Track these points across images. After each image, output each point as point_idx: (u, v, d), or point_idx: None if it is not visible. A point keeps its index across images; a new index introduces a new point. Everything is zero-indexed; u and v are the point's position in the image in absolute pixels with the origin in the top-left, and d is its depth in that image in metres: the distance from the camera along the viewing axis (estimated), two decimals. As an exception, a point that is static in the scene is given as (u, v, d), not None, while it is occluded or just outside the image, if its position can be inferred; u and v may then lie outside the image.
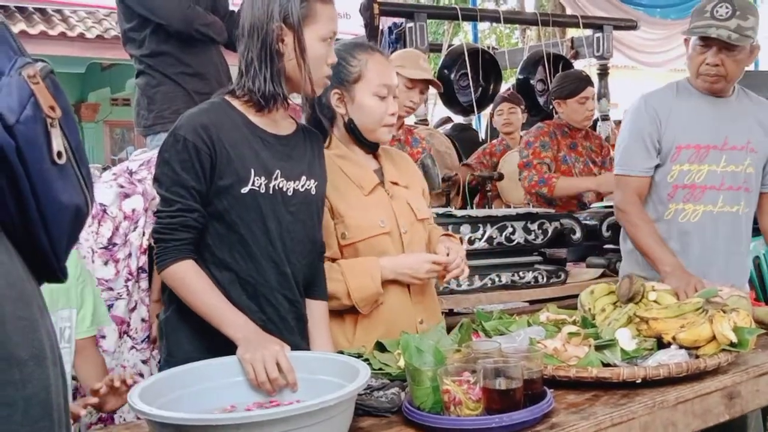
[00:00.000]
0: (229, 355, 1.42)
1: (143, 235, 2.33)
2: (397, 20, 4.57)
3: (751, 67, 8.83)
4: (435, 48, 5.44)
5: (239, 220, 1.57)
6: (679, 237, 2.31)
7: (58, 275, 0.84)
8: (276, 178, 1.61)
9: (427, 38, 4.25)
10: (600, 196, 3.39)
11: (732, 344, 1.57)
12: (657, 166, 2.31)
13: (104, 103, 10.99)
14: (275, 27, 1.55)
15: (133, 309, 2.28)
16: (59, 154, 0.78)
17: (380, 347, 1.68)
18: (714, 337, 1.59)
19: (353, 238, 1.84)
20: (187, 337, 1.59)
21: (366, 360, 1.54)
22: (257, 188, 1.58)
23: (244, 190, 1.56)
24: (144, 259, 2.35)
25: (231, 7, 3.34)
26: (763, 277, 3.18)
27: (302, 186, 1.66)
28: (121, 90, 10.30)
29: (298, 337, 1.65)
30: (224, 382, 1.38)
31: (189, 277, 1.52)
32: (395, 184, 1.96)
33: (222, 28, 3.15)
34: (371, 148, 1.95)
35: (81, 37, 8.69)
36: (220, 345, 1.47)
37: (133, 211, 2.32)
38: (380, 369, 1.57)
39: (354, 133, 1.90)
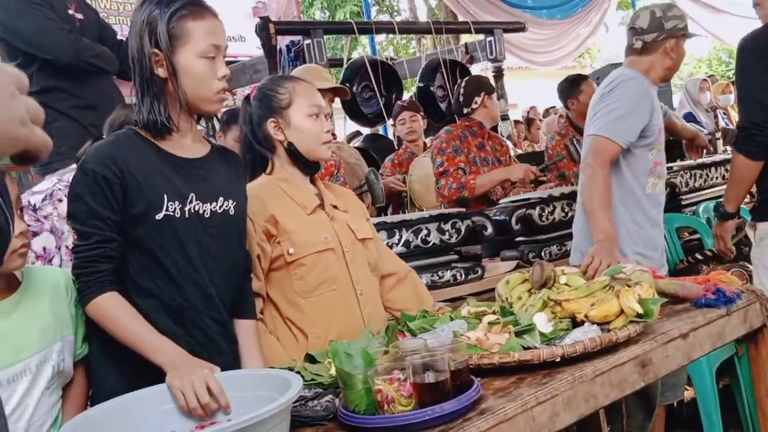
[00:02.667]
0: (159, 384, 1.41)
1: None
2: (295, 38, 4.60)
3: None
4: (335, 63, 5.51)
5: (157, 247, 1.56)
6: (657, 207, 2.64)
7: None
8: (191, 202, 1.61)
9: (325, 53, 4.31)
10: (505, 192, 3.52)
11: (639, 315, 1.68)
12: (644, 145, 2.57)
13: (-4, 146, 10.49)
14: (149, 53, 1.56)
15: None
16: None
17: (310, 359, 1.70)
18: (622, 311, 1.69)
19: (299, 254, 1.89)
20: (113, 369, 1.56)
21: (298, 372, 1.56)
22: (172, 213, 1.57)
23: (159, 216, 1.56)
24: None
25: (119, 37, 3.29)
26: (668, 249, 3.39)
27: (220, 207, 1.66)
28: (13, 131, 9.84)
29: (229, 358, 1.65)
30: (159, 411, 1.36)
31: (112, 308, 1.51)
32: (335, 207, 2.04)
33: (112, 58, 3.11)
34: (312, 169, 2.04)
35: (-36, 80, 8.28)
36: (147, 374, 1.45)
37: (44, 249, 2.25)
38: (312, 380, 1.59)
39: (295, 155, 1.98)
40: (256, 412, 1.13)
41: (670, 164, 4.02)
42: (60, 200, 2.36)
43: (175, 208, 1.58)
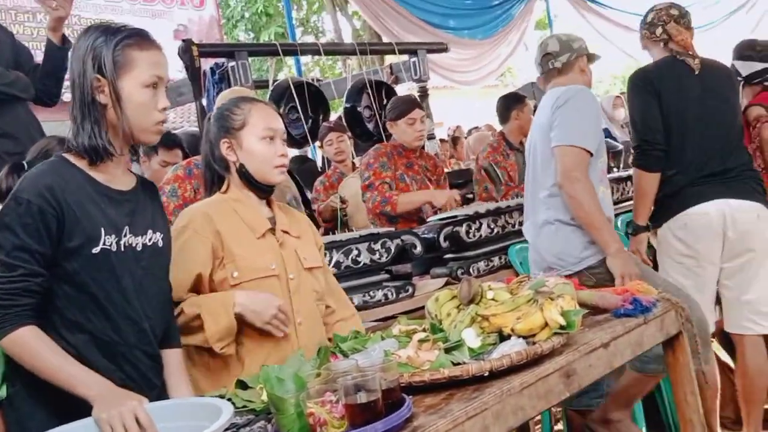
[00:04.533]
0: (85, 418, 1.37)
1: None
2: (219, 60, 4.57)
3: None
4: (261, 84, 5.50)
5: (91, 281, 1.53)
6: (609, 215, 2.71)
7: None
8: (125, 235, 1.60)
9: (250, 75, 4.30)
10: (435, 210, 3.58)
11: (562, 327, 1.74)
12: (596, 154, 2.67)
13: None
14: (91, 79, 1.55)
15: None
16: None
17: (242, 385, 1.68)
18: (546, 324, 1.74)
19: (242, 278, 1.89)
20: (38, 407, 1.51)
21: (229, 399, 1.54)
22: (108, 247, 1.55)
23: (95, 250, 1.53)
24: None
25: (36, 61, 3.20)
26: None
27: (149, 240, 1.66)
28: None
29: (159, 390, 1.63)
30: None
31: (31, 341, 1.45)
32: (286, 232, 2.03)
33: (27, 84, 3.01)
34: (264, 191, 2.03)
35: None
36: (80, 415, 1.40)
37: None
38: (244, 406, 1.58)
39: (246, 178, 1.99)
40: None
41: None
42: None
43: (112, 242, 1.56)
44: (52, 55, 3.11)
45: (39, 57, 3.16)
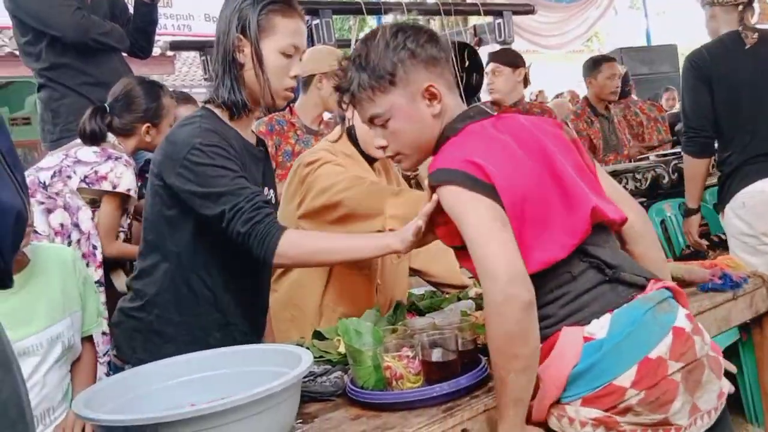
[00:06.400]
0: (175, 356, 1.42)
1: (95, 249, 2.28)
2: (303, 18, 4.59)
3: (644, 43, 9.22)
4: (343, 44, 5.49)
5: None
6: None
7: (6, 281, 0.82)
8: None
9: (333, 34, 4.29)
10: None
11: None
12: None
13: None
14: (234, 38, 1.58)
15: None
16: None
17: (318, 336, 1.72)
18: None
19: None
20: (140, 344, 1.58)
21: (307, 348, 1.57)
22: None
23: None
24: (101, 272, 2.30)
25: (131, 13, 3.28)
26: (669, 237, 3.39)
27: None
28: (20, 109, 9.86)
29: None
30: (176, 382, 1.37)
31: (305, 237, 1.56)
32: None
33: (122, 36, 3.10)
34: (371, 160, 2.03)
35: (-28, 57, 8.29)
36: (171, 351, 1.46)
37: (62, 225, 2.26)
38: (321, 357, 1.61)
39: (353, 138, 2.01)
40: (269, 384, 1.15)
41: (678, 149, 4.02)
42: (69, 177, 2.37)
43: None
44: (139, 10, 3.20)
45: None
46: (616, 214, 1.35)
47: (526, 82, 3.62)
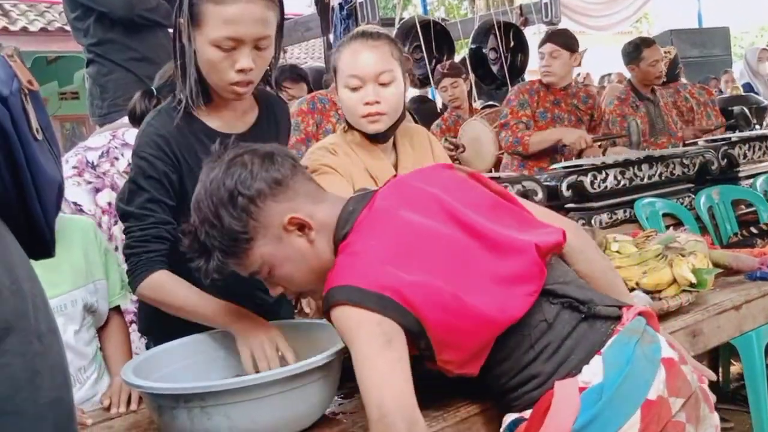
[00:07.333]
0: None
1: None
2: (348, -4, 4.58)
3: (695, 25, 8.99)
4: (387, 22, 5.47)
5: None
6: None
7: (50, 250, 0.85)
8: None
9: (378, 13, 4.28)
10: (573, 154, 3.48)
11: (692, 285, 1.66)
12: None
13: (52, 98, 10.74)
14: (178, 22, 1.46)
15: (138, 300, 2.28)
16: (37, 130, 0.79)
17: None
18: (675, 280, 1.68)
19: None
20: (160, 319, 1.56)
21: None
22: None
23: None
24: None
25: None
26: (717, 224, 3.32)
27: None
28: (69, 83, 10.07)
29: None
30: (223, 353, 1.40)
31: (168, 283, 1.43)
32: None
33: (169, 11, 3.12)
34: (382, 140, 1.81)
35: (24, 31, 8.49)
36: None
37: (109, 204, 2.31)
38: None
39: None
40: (313, 358, 1.17)
41: (728, 134, 3.92)
42: (116, 158, 2.42)
43: None
44: None
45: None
46: (554, 235, 1.24)
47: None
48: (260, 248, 1.18)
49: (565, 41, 3.51)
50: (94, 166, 2.39)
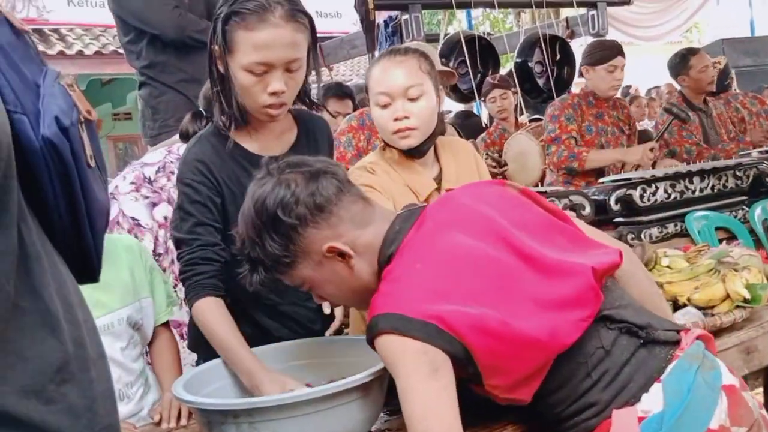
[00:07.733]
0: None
1: None
2: (392, 13, 4.62)
3: (747, 33, 8.78)
4: (431, 38, 5.50)
5: None
6: None
7: (96, 276, 0.86)
8: None
9: (423, 29, 4.30)
10: (621, 168, 3.44)
11: (745, 300, 1.62)
12: None
13: (106, 118, 11.07)
14: (211, 48, 1.49)
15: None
16: (91, 157, 0.80)
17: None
18: (727, 296, 1.64)
19: None
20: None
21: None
22: None
23: None
24: None
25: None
26: (773, 238, 3.23)
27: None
28: (122, 104, 10.37)
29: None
30: (281, 367, 1.41)
31: (208, 316, 1.44)
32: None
33: None
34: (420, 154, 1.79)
35: (80, 55, 8.77)
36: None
37: (166, 218, 2.36)
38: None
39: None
40: (358, 375, 1.17)
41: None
42: (172, 172, 2.48)
43: None
44: None
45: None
46: (611, 255, 1.20)
47: None
48: (301, 270, 1.20)
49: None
50: (151, 181, 2.46)
